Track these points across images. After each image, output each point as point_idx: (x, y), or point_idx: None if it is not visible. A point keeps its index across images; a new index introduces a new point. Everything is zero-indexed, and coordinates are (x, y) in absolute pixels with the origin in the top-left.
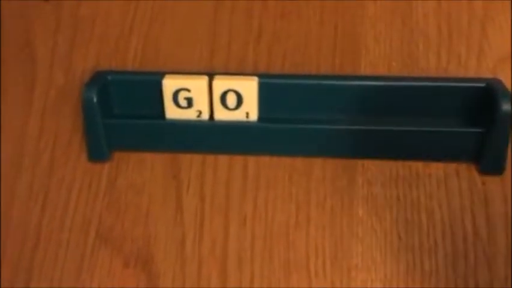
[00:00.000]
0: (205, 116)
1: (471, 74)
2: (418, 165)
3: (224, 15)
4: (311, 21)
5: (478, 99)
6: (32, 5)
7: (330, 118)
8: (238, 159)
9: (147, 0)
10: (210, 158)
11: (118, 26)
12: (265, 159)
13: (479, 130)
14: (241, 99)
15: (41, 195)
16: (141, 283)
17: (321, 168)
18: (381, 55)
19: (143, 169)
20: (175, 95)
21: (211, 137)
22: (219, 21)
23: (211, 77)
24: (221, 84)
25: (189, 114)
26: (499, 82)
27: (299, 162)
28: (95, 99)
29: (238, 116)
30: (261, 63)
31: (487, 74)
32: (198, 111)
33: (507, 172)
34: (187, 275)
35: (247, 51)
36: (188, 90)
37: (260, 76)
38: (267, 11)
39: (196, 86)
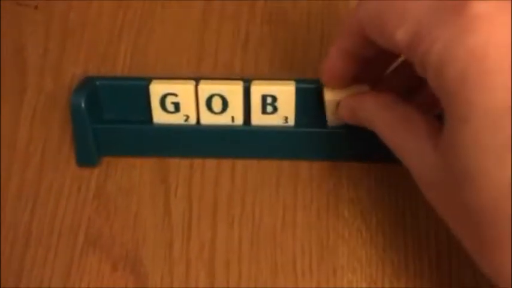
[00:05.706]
0: (192, 120)
1: None
2: (403, 168)
3: (212, 21)
4: (297, 27)
5: None
6: (22, 12)
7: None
8: (226, 163)
9: (136, 6)
10: (197, 162)
11: (107, 32)
12: (252, 162)
13: None
14: (226, 103)
15: (30, 200)
16: (130, 284)
17: (308, 171)
18: None
19: (132, 174)
20: (162, 100)
21: (198, 141)
22: (207, 27)
23: (198, 81)
24: (206, 88)
25: (177, 119)
26: None
27: (286, 165)
28: (82, 104)
29: (223, 120)
30: (248, 68)
31: None
32: (186, 115)
33: None
34: (175, 276)
35: (235, 57)
36: (175, 95)
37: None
38: (254, 17)
39: (183, 90)
